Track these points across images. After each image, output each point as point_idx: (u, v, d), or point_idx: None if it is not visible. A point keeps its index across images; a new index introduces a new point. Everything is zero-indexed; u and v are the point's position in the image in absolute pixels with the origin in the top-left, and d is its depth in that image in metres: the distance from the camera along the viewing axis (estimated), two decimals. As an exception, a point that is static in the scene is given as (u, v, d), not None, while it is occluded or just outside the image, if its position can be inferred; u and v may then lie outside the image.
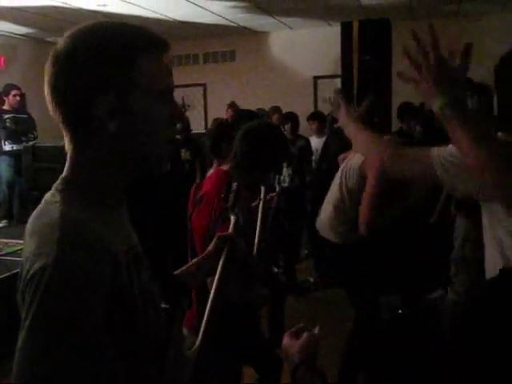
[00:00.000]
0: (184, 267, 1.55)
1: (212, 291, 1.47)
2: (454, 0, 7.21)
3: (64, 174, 1.07)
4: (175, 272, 1.52)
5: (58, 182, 1.07)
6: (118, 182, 1.09)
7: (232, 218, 1.62)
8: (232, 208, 1.63)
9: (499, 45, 6.71)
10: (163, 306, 1.20)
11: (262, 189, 2.65)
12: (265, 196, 2.62)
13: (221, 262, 1.50)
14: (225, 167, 2.64)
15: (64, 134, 1.07)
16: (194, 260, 1.58)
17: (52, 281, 0.91)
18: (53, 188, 1.07)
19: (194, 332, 2.32)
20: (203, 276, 1.60)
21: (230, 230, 1.60)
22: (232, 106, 7.77)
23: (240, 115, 4.43)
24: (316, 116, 6.74)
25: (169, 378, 1.16)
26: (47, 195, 1.07)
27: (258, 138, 2.53)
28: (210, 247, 1.57)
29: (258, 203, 2.60)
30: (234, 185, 1.64)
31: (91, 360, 0.93)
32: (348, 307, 3.39)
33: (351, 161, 3.14)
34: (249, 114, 4.50)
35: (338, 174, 3.26)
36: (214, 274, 1.48)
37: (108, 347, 0.95)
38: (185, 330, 2.53)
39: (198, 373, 1.32)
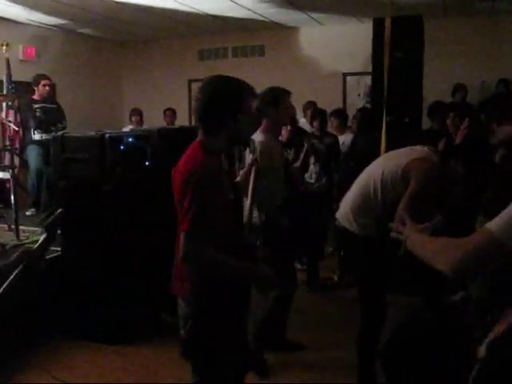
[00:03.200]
0: None
1: None
2: (489, -3, 7.07)
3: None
4: None
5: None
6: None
7: (43, 236, 1.73)
8: (47, 225, 1.74)
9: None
10: None
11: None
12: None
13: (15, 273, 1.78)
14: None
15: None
16: None
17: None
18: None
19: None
20: None
21: (36, 247, 1.76)
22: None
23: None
24: (337, 113, 6.60)
25: None
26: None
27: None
28: (13, 257, 1.82)
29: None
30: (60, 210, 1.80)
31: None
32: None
33: (396, 159, 3.13)
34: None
35: (377, 164, 3.27)
36: None
37: None
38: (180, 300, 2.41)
39: None
